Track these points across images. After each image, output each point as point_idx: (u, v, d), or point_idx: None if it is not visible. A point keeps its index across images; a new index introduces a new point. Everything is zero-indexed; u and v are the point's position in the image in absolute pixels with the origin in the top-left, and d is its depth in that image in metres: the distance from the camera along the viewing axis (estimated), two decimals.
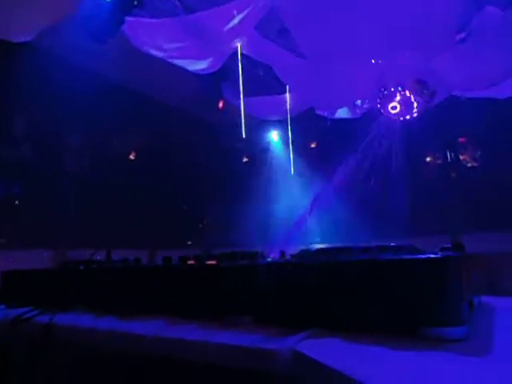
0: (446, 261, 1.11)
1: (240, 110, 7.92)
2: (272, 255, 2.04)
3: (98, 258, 2.27)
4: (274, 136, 11.57)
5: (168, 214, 9.82)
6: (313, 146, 10.79)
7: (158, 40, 5.52)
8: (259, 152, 11.53)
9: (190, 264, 1.63)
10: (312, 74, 5.37)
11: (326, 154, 9.25)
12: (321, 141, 10.46)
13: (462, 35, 5.44)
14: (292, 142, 7.92)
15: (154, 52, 5.80)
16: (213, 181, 10.57)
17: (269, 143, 11.77)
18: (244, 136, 6.47)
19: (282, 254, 1.91)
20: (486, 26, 5.21)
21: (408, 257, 1.16)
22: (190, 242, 10.33)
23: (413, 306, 1.08)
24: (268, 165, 11.47)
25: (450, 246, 1.55)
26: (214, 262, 1.54)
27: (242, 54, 6.39)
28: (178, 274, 1.53)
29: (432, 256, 1.12)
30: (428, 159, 11.64)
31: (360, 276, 1.12)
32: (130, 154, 10.83)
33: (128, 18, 5.48)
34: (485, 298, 1.92)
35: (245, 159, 11.82)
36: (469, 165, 11.15)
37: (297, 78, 5.87)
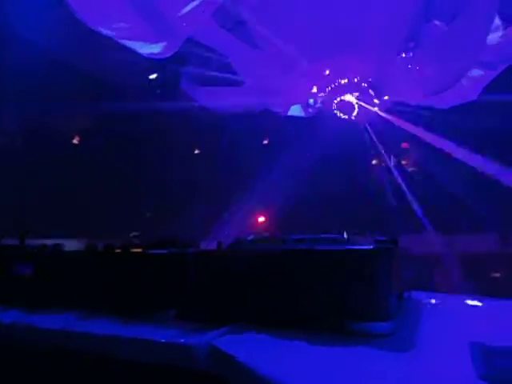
0: (376, 252, 1.09)
1: (196, 100, 7.72)
2: (208, 245, 1.96)
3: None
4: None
5: (112, 203, 9.36)
6: (265, 142, 10.83)
7: (106, 17, 5.19)
8: (212, 145, 11.37)
9: (112, 252, 1.50)
10: (267, 67, 5.34)
11: (278, 150, 9.31)
12: (273, 137, 10.51)
13: (411, 44, 5.68)
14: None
15: (103, 30, 5.46)
16: (159, 171, 10.25)
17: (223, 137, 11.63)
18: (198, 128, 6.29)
19: (219, 243, 1.83)
20: (433, 37, 5.48)
21: (337, 247, 1.13)
22: (134, 234, 9.94)
23: (340, 300, 1.05)
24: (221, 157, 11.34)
25: (384, 239, 1.55)
26: (138, 250, 1.42)
27: (198, 42, 6.22)
28: (97, 262, 1.39)
29: (361, 247, 1.10)
30: (374, 162, 12.14)
31: (286, 267, 1.07)
32: (73, 137, 10.20)
33: None
34: (416, 293, 1.98)
35: (196, 151, 11.61)
36: (410, 169, 11.78)
37: (252, 69, 5.81)
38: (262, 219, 10.41)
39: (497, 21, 5.60)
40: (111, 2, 5.36)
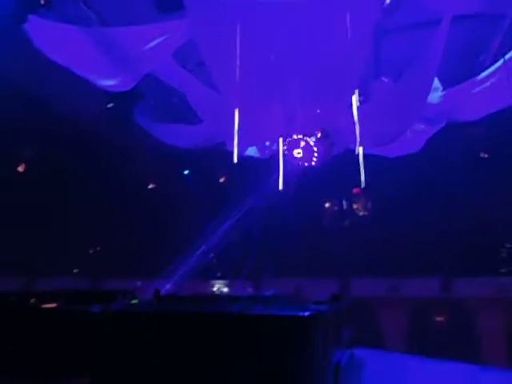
0: (310, 320, 1.05)
1: (151, 134, 7.64)
2: (143, 295, 1.83)
3: None
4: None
5: (55, 235, 8.81)
6: (222, 180, 10.86)
7: (62, 47, 5.10)
8: (166, 179, 11.21)
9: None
10: (224, 108, 5.42)
11: (231, 189, 9.36)
12: (229, 176, 10.59)
13: (361, 98, 6.05)
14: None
15: (58, 59, 5.34)
16: (110, 205, 9.88)
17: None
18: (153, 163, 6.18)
19: (156, 292, 1.71)
20: (381, 93, 5.90)
21: (269, 312, 1.07)
22: (76, 270, 9.33)
23: (269, 374, 0.98)
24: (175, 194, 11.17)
25: (323, 300, 1.52)
26: (52, 305, 1.29)
27: (157, 79, 6.24)
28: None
29: (294, 314, 1.06)
30: (326, 205, 12.50)
31: (205, 331, 1.00)
32: (18, 165, 9.67)
33: (32, 17, 5.01)
34: (359, 351, 1.94)
35: (151, 186, 11.37)
36: (361, 213, 12.24)
37: (210, 110, 5.88)
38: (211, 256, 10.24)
39: (436, 82, 6.14)
40: (69, 30, 5.30)
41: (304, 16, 4.20)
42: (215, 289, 13.00)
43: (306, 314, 1.01)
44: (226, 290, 12.99)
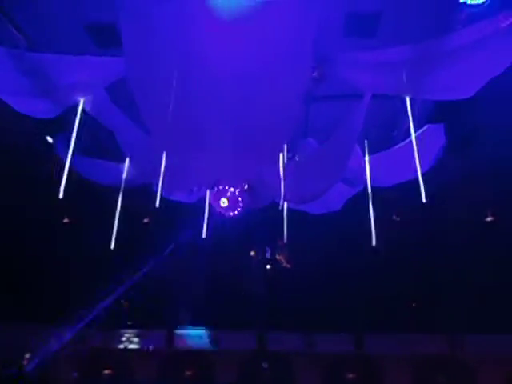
0: None
1: (70, 169, 7.14)
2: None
3: None
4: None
5: None
6: (146, 221, 10.42)
7: None
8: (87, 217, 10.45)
9: None
10: (152, 150, 5.30)
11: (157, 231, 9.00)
12: (154, 217, 10.21)
13: (289, 155, 6.34)
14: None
15: None
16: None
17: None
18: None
19: (20, 367, 1.45)
20: (307, 152, 6.25)
21: None
22: None
23: None
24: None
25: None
26: None
27: (84, 112, 5.97)
28: None
29: None
30: (252, 253, 12.52)
31: None
32: None
33: None
34: None
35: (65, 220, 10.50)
36: (283, 265, 12.41)
37: (137, 150, 5.71)
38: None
39: (356, 148, 6.66)
40: None
41: (241, 72, 4.36)
42: (124, 339, 12.01)
43: None
44: (136, 340, 12.07)
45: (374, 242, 6.10)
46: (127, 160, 6.22)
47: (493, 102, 5.90)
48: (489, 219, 10.23)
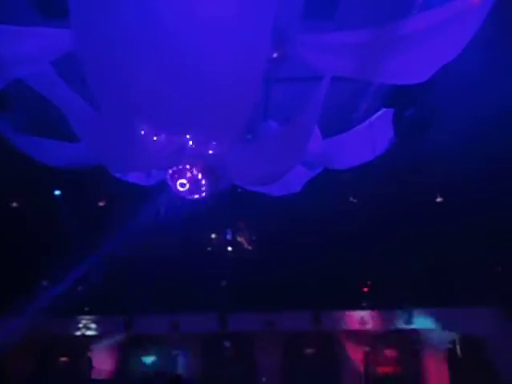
0: None
1: (18, 147, 6.68)
2: None
3: None
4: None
5: None
6: (101, 204, 10.03)
7: None
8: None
9: None
10: (106, 130, 5.05)
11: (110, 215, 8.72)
12: (109, 200, 9.85)
13: (249, 136, 6.29)
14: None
15: None
16: None
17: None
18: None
19: None
20: (267, 134, 6.22)
21: None
22: None
23: None
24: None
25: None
26: None
27: (30, 87, 5.56)
28: None
29: None
30: (213, 236, 12.49)
31: None
32: None
33: None
34: None
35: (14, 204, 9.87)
36: (244, 246, 12.51)
37: (90, 130, 5.42)
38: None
39: (317, 131, 6.73)
40: None
41: (197, 46, 4.20)
42: (81, 325, 11.66)
43: None
44: (93, 326, 11.77)
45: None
46: (79, 140, 5.90)
47: (448, 89, 6.13)
48: (438, 200, 10.80)
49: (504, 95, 6.56)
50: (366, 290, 13.28)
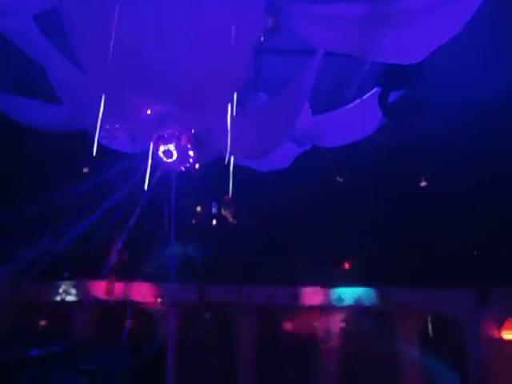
0: None
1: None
2: None
3: None
4: None
5: None
6: (85, 170, 9.85)
7: None
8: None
9: None
10: (90, 92, 4.87)
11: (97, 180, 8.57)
12: (95, 168, 9.66)
13: (238, 109, 6.15)
14: None
15: None
16: None
17: None
18: None
19: None
20: (256, 106, 6.10)
21: None
22: None
23: None
24: None
25: None
26: None
27: (12, 43, 5.28)
28: None
29: None
30: (198, 209, 12.45)
31: None
32: None
33: None
34: None
35: None
36: (230, 220, 12.52)
37: (72, 90, 5.22)
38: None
39: (307, 104, 6.61)
40: None
41: (188, 14, 4.04)
42: (61, 290, 11.64)
43: None
44: (73, 291, 11.76)
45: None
46: (61, 102, 5.68)
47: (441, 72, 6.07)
48: (423, 184, 10.94)
49: (495, 80, 6.57)
50: (346, 266, 13.51)
